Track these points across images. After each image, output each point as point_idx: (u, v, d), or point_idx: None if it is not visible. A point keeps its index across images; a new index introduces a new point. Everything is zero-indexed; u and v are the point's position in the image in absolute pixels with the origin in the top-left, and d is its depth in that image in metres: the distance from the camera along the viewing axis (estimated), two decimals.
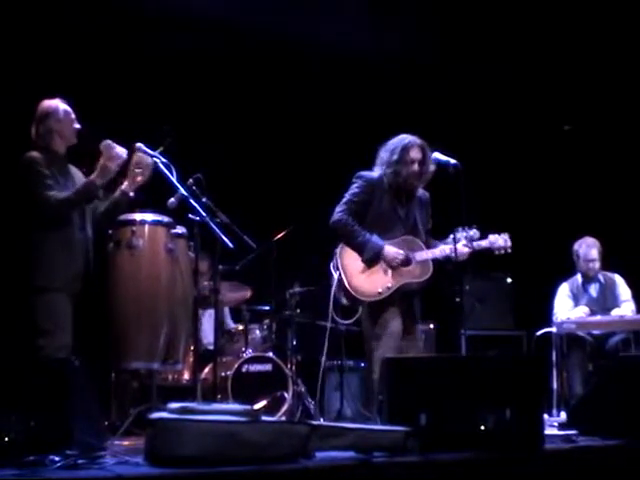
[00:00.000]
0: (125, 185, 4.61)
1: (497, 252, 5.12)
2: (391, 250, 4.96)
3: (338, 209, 5.05)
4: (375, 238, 4.98)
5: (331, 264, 5.10)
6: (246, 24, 7.05)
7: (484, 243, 5.10)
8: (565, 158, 8.43)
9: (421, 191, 5.19)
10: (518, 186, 8.44)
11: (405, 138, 5.06)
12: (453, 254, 4.91)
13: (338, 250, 5.08)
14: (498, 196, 8.13)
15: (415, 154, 5.02)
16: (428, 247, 5.07)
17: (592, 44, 7.51)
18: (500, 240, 5.10)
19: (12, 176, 4.51)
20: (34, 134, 4.56)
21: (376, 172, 5.11)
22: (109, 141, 4.47)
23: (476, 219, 5.07)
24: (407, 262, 4.99)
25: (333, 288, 5.05)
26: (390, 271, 4.97)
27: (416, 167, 5.02)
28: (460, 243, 5.00)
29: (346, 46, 7.39)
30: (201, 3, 6.88)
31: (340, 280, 5.01)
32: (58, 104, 4.59)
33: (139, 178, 4.61)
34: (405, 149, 5.01)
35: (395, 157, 5.02)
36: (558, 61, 7.80)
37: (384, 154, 5.09)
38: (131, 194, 4.62)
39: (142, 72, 6.85)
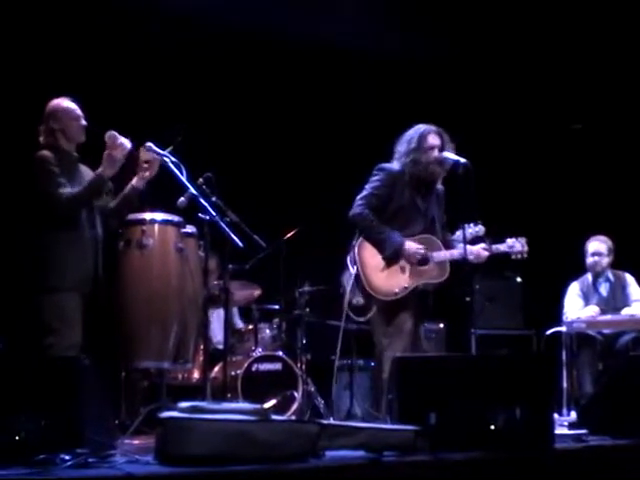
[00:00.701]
0: (135, 180, 4.68)
1: (514, 256, 5.11)
2: (412, 246, 4.90)
3: (358, 202, 4.97)
4: (395, 234, 4.90)
5: (348, 257, 5.00)
6: (257, 24, 7.06)
7: (502, 247, 5.08)
8: (575, 157, 8.40)
9: (437, 185, 5.15)
10: (528, 186, 8.41)
11: (421, 127, 5.03)
12: (469, 255, 4.87)
13: (356, 243, 4.98)
14: (508, 196, 8.11)
15: (433, 140, 4.98)
16: (445, 243, 5.03)
17: (602, 42, 7.49)
18: (518, 245, 5.07)
19: (23, 175, 4.53)
20: (42, 134, 4.58)
21: (396, 165, 5.05)
22: (113, 131, 4.51)
23: (485, 219, 5.06)
24: (425, 261, 4.95)
25: (350, 282, 4.93)
26: (408, 270, 4.91)
27: (436, 153, 4.97)
28: (478, 246, 4.99)
29: (352, 46, 7.40)
30: (213, 2, 6.90)
31: (357, 276, 4.91)
32: (59, 103, 4.58)
33: (148, 173, 4.66)
34: (422, 136, 4.97)
35: (413, 145, 4.97)
36: (567, 60, 7.78)
37: (401, 146, 5.04)
38: (141, 188, 4.68)
39: (153, 71, 6.86)
